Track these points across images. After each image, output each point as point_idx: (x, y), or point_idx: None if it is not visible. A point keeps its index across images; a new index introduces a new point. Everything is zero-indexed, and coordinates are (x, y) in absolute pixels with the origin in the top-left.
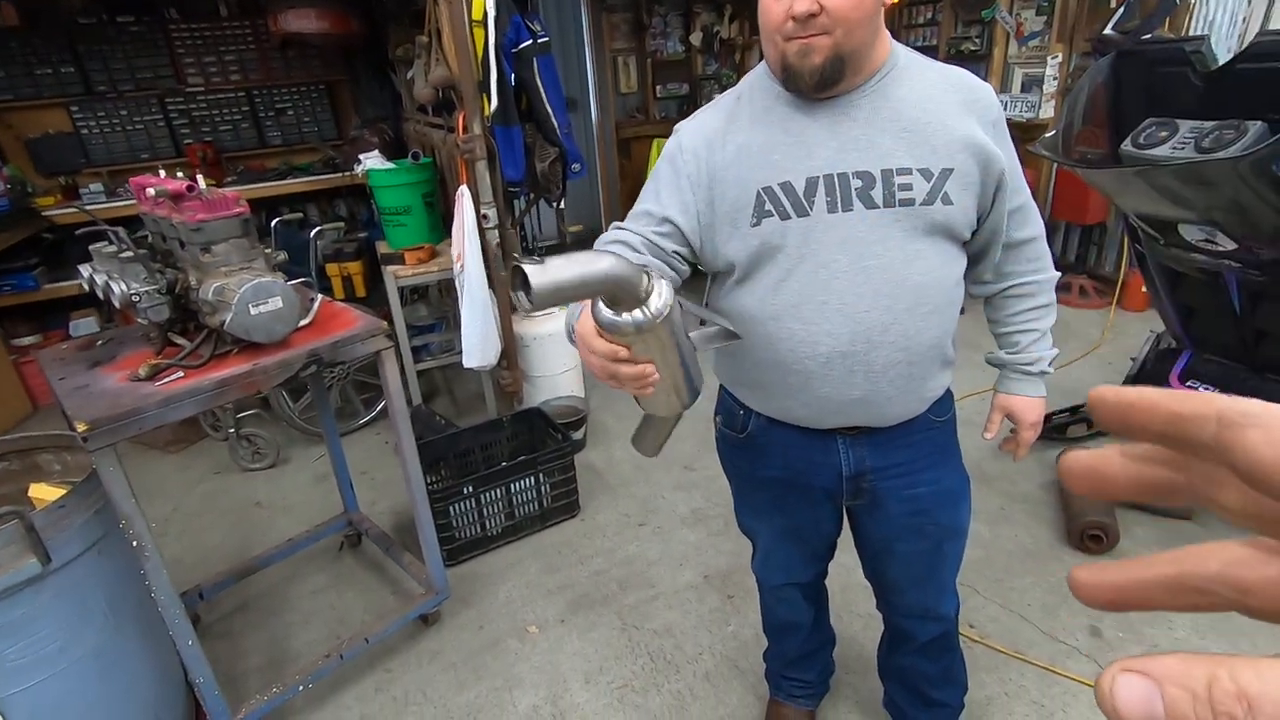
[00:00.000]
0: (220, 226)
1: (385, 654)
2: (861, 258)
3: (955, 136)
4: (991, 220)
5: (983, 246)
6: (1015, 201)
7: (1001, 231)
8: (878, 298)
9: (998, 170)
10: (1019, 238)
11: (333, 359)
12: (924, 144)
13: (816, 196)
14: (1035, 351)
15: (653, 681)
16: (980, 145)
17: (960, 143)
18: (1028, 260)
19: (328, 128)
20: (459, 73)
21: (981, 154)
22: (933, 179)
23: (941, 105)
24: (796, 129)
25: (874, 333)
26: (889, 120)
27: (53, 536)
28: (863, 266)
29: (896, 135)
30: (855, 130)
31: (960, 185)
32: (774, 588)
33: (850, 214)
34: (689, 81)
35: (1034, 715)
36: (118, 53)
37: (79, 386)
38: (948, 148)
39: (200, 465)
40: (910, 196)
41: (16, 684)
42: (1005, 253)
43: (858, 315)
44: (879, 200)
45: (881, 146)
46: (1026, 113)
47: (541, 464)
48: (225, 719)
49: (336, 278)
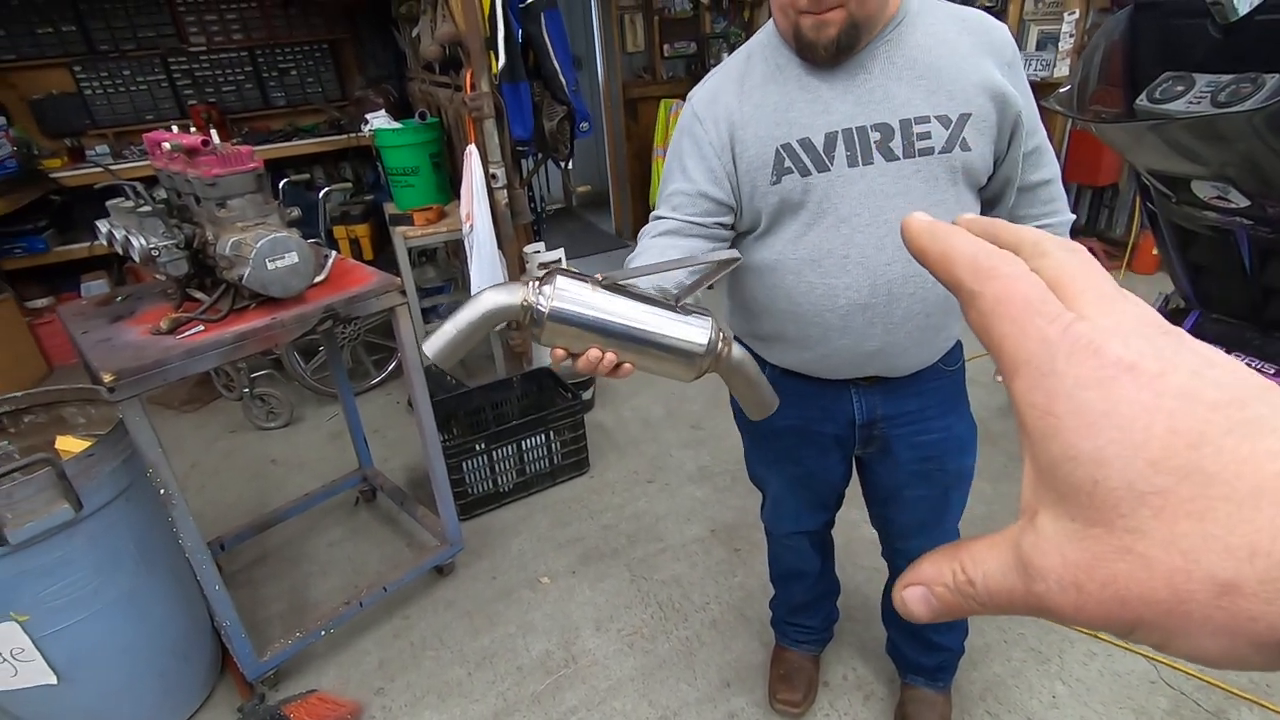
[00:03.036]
0: (235, 181)
1: (402, 602)
2: (882, 211)
3: (972, 80)
4: (1007, 163)
5: (998, 191)
6: (1031, 143)
7: (1016, 174)
8: (898, 250)
9: (1014, 112)
10: (1034, 180)
11: (348, 314)
12: (940, 90)
13: (836, 151)
14: None
15: (661, 629)
16: (997, 87)
17: (977, 86)
18: (1043, 203)
19: (332, 88)
20: (466, 29)
21: (999, 96)
22: (951, 125)
23: (956, 48)
24: (812, 85)
25: (894, 285)
26: (904, 69)
27: (83, 484)
28: (884, 220)
29: (912, 83)
30: (871, 82)
31: (978, 129)
32: (782, 535)
33: (871, 167)
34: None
35: (1031, 660)
36: (119, 10)
37: (102, 340)
38: (964, 92)
39: (215, 424)
40: (929, 145)
41: (55, 624)
42: (1020, 196)
43: (878, 269)
44: (899, 151)
45: (898, 96)
46: (1041, 71)
47: (551, 421)
48: (251, 661)
49: (344, 240)
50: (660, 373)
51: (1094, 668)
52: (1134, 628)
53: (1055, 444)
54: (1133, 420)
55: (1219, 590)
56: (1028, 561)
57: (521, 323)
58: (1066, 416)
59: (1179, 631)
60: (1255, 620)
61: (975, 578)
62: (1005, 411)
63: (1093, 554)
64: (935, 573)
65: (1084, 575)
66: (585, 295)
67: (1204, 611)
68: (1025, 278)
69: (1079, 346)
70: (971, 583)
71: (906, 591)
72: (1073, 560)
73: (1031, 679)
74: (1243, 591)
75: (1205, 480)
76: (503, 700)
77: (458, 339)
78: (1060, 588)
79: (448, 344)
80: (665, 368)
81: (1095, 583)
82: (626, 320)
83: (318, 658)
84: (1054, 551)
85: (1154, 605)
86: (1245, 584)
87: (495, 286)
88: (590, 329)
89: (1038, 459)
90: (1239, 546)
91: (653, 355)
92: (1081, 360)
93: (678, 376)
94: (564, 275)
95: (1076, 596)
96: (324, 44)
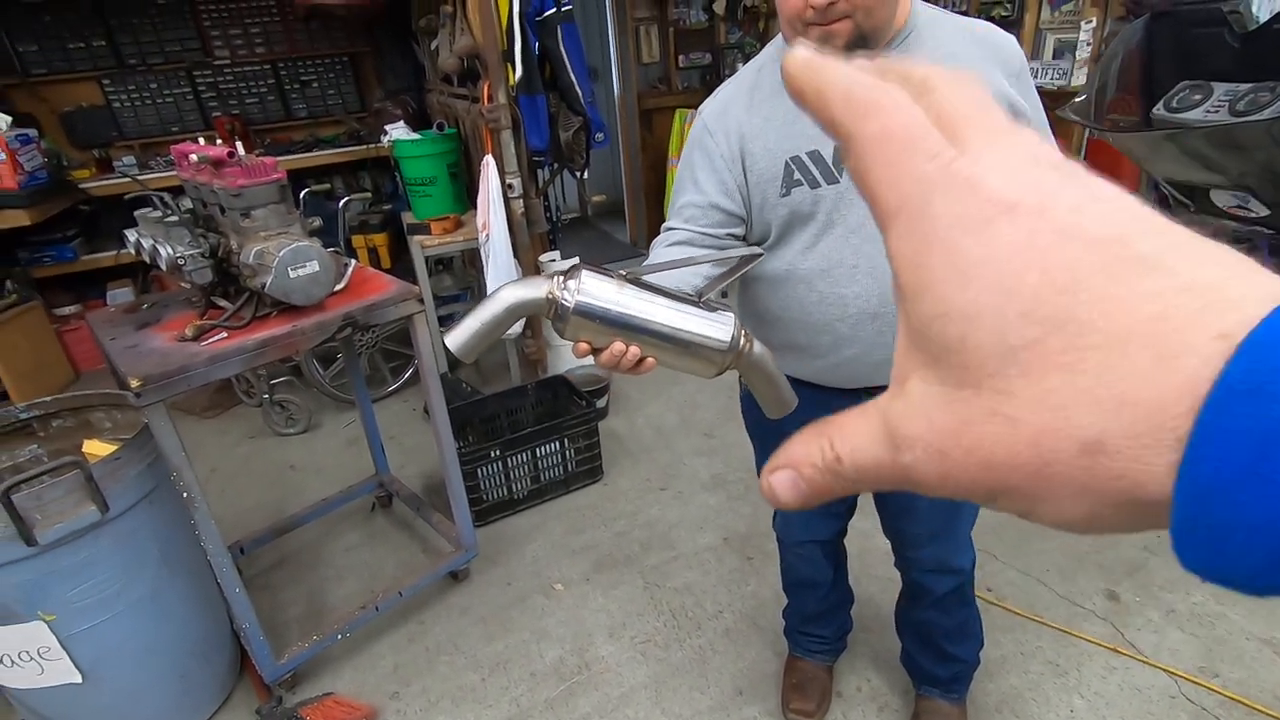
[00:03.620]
0: (259, 192)
1: (417, 608)
2: None
3: None
4: None
5: None
6: None
7: None
8: None
9: (1023, 123)
10: None
11: (367, 322)
12: None
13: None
14: None
15: (674, 637)
16: (1006, 97)
17: None
18: None
19: (352, 100)
20: (484, 42)
21: (1006, 106)
22: None
23: (964, 61)
24: None
25: None
26: None
27: (110, 487)
28: None
29: None
30: None
31: None
32: (794, 545)
33: None
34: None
35: (1048, 673)
36: (146, 26)
37: (129, 346)
38: None
39: (236, 430)
40: None
41: (81, 624)
42: None
43: (887, 277)
44: None
45: None
46: (1058, 80)
47: (566, 429)
48: (270, 663)
49: (362, 249)
50: (682, 368)
51: (1113, 681)
52: (998, 495)
53: (926, 299)
54: (1007, 266)
55: (1083, 448)
56: (894, 430)
57: (546, 316)
58: (939, 267)
59: (1042, 496)
60: (1120, 478)
61: (843, 453)
62: None
63: (960, 418)
64: (804, 453)
65: (950, 441)
66: (611, 290)
67: (1067, 472)
68: (905, 110)
69: (958, 184)
70: (840, 459)
71: (774, 476)
72: (939, 425)
73: (1049, 692)
74: (1107, 448)
75: (1078, 329)
76: (516, 706)
77: (481, 332)
78: (926, 456)
79: (471, 337)
80: (688, 363)
81: (961, 449)
82: (652, 315)
83: (334, 661)
84: (920, 418)
85: (1019, 469)
86: (1111, 439)
87: (517, 281)
88: (615, 324)
89: (909, 319)
90: (1107, 399)
91: (677, 351)
92: (959, 200)
93: (699, 373)
94: (589, 270)
95: (941, 464)
96: (344, 57)
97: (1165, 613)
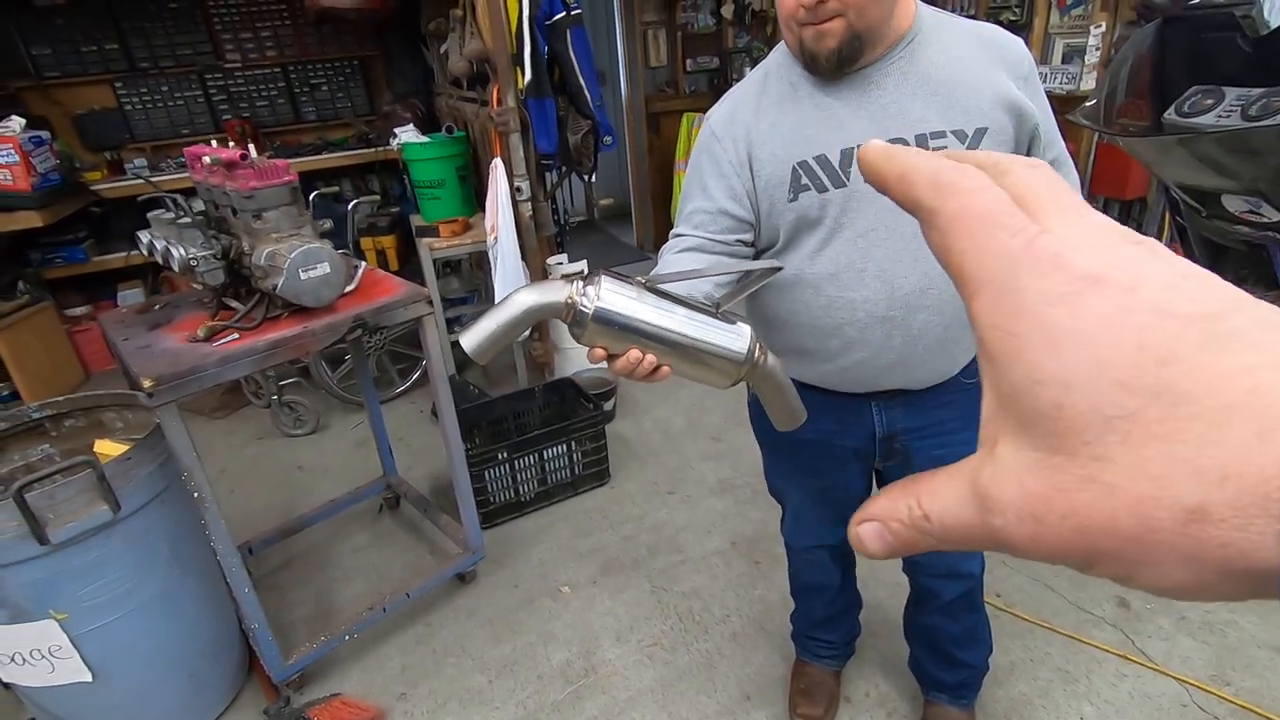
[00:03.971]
0: (271, 194)
1: (425, 610)
2: (899, 224)
3: (987, 95)
4: None
5: None
6: (1049, 155)
7: None
8: (915, 263)
9: (1031, 125)
10: None
11: (376, 324)
12: (955, 105)
13: (853, 168)
14: None
15: (681, 641)
16: (1013, 100)
17: (993, 100)
18: None
19: (361, 103)
20: (493, 45)
21: (1015, 110)
22: (967, 140)
23: (971, 64)
24: (827, 103)
25: (912, 298)
26: (918, 85)
27: (121, 486)
28: (901, 233)
29: (927, 99)
30: (885, 99)
31: (995, 143)
32: (802, 550)
33: None
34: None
35: (1058, 680)
36: (159, 29)
37: (142, 347)
38: (980, 107)
39: (244, 431)
40: None
41: (92, 622)
42: None
43: (895, 281)
44: None
45: (913, 112)
46: (1066, 84)
47: (573, 432)
48: (278, 663)
49: (371, 251)
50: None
51: (1123, 689)
52: (1094, 561)
53: (1018, 366)
54: (1100, 337)
55: (1187, 516)
56: (985, 494)
57: (563, 320)
58: (1030, 335)
59: (1144, 562)
60: (1224, 547)
61: (931, 512)
62: None
63: (1054, 484)
64: (891, 508)
65: (1043, 506)
66: (630, 297)
67: (1170, 540)
68: (988, 189)
69: (1044, 260)
70: (927, 518)
71: (861, 528)
72: (1032, 490)
73: (1058, 699)
74: (1211, 517)
75: (1175, 400)
76: (523, 709)
77: (496, 334)
78: (1018, 520)
79: (486, 339)
80: (703, 374)
81: (1055, 514)
82: (670, 325)
83: (341, 662)
84: (1012, 482)
85: (1117, 536)
86: (1215, 509)
87: (534, 285)
88: (633, 331)
89: (999, 385)
90: (1209, 469)
91: (693, 360)
92: (1046, 274)
93: (713, 383)
94: (609, 276)
95: (1034, 529)
96: (354, 61)
97: (1176, 620)
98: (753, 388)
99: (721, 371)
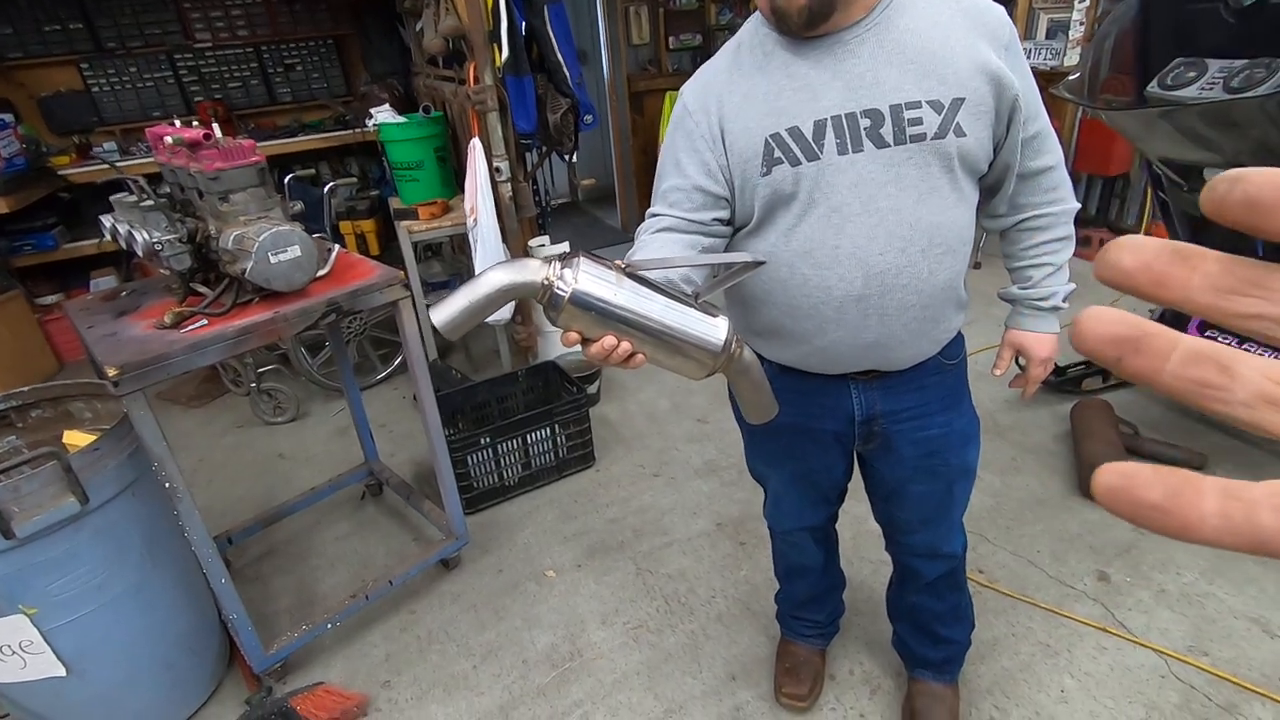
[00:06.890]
0: (237, 175)
1: (408, 596)
2: (874, 199)
3: (965, 63)
4: (1006, 149)
5: (997, 178)
6: (1031, 128)
7: (1016, 160)
8: (891, 240)
9: (1011, 95)
10: (1035, 166)
11: (351, 308)
12: (932, 74)
13: (826, 139)
14: (1049, 286)
15: (667, 622)
16: (993, 69)
17: (971, 69)
18: (1044, 190)
19: (337, 84)
20: (469, 22)
21: (994, 79)
22: (943, 110)
23: (949, 31)
24: (800, 73)
25: (887, 276)
26: (893, 53)
27: (89, 478)
28: (875, 209)
29: (902, 68)
30: (860, 68)
31: (973, 114)
32: (785, 532)
33: (861, 155)
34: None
35: (1040, 654)
36: (125, 8)
37: (107, 334)
38: (957, 76)
39: (223, 420)
40: (921, 131)
41: (63, 617)
42: (1020, 183)
43: (870, 259)
44: (889, 138)
45: (888, 82)
46: (1051, 59)
47: (557, 415)
48: (259, 653)
49: (350, 235)
50: (671, 367)
51: (1104, 662)
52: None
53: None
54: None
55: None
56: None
57: (538, 301)
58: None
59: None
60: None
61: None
62: (1013, 404)
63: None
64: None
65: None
66: (608, 282)
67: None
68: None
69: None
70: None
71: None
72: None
73: (1040, 673)
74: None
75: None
76: (508, 693)
77: (469, 310)
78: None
79: (458, 314)
80: (678, 363)
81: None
82: (647, 312)
83: (325, 651)
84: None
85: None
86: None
87: (508, 263)
88: (610, 316)
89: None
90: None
91: (669, 349)
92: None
93: (688, 373)
94: (588, 258)
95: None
96: (329, 40)
97: (1155, 593)
98: (727, 380)
99: (697, 361)
